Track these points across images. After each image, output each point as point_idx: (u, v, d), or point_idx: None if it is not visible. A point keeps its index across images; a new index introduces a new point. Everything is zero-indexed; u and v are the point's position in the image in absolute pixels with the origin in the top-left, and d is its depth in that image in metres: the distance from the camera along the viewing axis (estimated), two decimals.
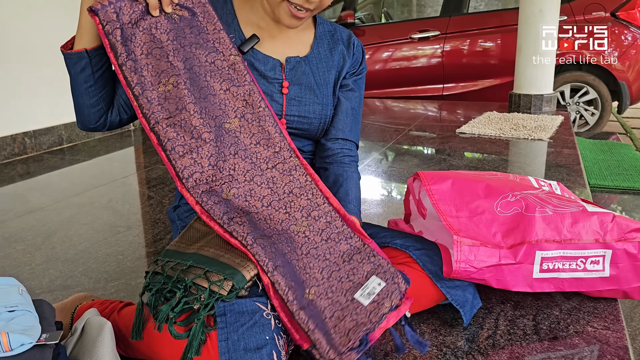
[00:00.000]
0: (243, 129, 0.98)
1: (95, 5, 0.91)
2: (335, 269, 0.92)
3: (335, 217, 0.98)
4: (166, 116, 0.92)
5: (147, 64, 0.93)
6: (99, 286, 1.32)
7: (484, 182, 1.20)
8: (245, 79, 1.01)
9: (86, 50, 0.95)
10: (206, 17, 1.01)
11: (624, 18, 4.43)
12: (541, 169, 2.42)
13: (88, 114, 1.01)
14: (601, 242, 1.10)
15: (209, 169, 0.93)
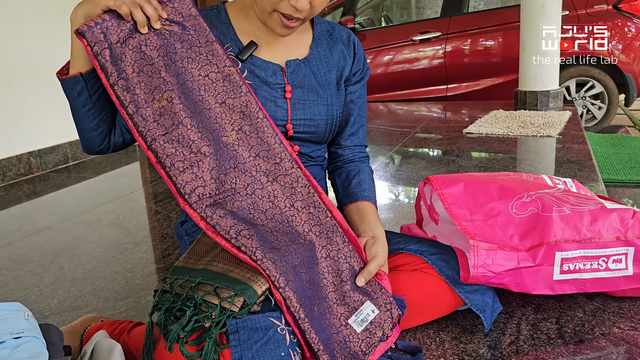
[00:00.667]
0: (241, 142, 0.96)
1: (81, 27, 0.89)
2: (332, 289, 0.91)
3: (337, 234, 0.96)
4: (163, 132, 0.90)
5: (139, 81, 0.91)
6: (109, 305, 1.29)
7: (497, 183, 1.17)
8: (241, 90, 0.98)
9: (81, 74, 0.93)
10: (197, 30, 0.99)
11: (627, 10, 4.39)
12: (552, 166, 2.38)
13: (90, 138, 1.00)
14: (623, 239, 1.07)
15: (211, 182, 0.90)
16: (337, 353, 0.86)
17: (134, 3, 0.91)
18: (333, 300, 0.90)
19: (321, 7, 1.00)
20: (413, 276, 1.05)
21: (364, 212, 1.10)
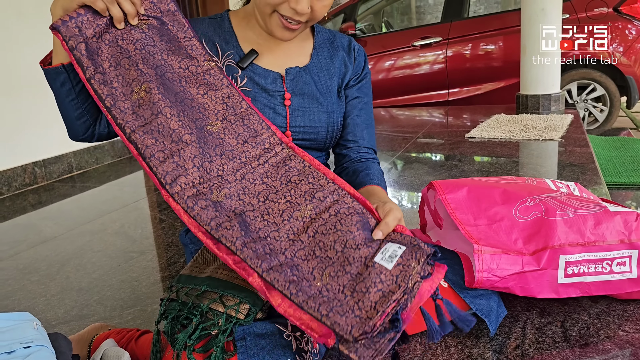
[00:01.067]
0: (227, 130, 0.94)
1: (56, 22, 0.89)
2: (350, 237, 0.82)
3: (343, 194, 0.89)
4: (142, 123, 0.89)
5: (116, 75, 0.91)
6: (115, 314, 1.30)
7: (500, 187, 1.18)
8: (222, 82, 0.97)
9: (63, 65, 0.93)
10: (176, 26, 0.99)
11: (627, 12, 4.41)
12: (555, 169, 2.39)
13: (75, 126, 1.01)
14: (627, 242, 1.07)
15: (194, 170, 0.87)
16: (360, 306, 0.74)
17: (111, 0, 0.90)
18: (353, 248, 0.81)
19: (322, 12, 1.01)
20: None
21: (372, 192, 1.06)
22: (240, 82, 1.06)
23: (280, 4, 0.96)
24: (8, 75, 2.65)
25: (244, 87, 1.06)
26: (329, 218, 0.85)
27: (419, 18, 15.32)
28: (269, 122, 0.98)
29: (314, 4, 0.98)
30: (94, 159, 3.13)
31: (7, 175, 2.61)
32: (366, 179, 1.10)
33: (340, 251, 0.81)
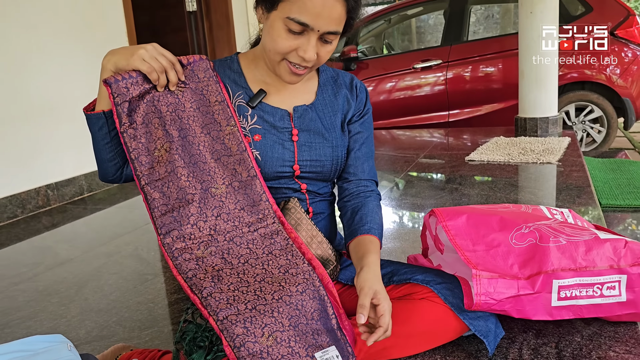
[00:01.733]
0: (229, 195, 1.06)
1: (109, 78, 1.00)
2: (303, 322, 0.94)
3: (314, 278, 1.01)
4: (155, 178, 1.02)
5: (145, 132, 1.03)
6: (134, 335, 1.37)
7: (497, 215, 1.25)
8: (239, 147, 1.08)
9: (103, 112, 1.04)
10: (209, 91, 1.10)
11: (623, 36, 4.52)
12: (552, 192, 2.47)
13: (106, 167, 1.10)
14: (616, 267, 1.14)
15: (187, 227, 1.00)
16: None
17: (162, 69, 1.02)
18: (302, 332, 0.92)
19: (327, 57, 1.09)
20: (420, 304, 1.13)
21: (362, 250, 1.11)
22: (251, 120, 1.14)
23: (289, 52, 1.05)
24: (25, 103, 2.75)
25: (254, 125, 1.14)
26: (295, 293, 0.97)
27: (419, 38, 15.55)
28: (269, 195, 1.09)
29: (319, 50, 1.06)
30: None
31: (22, 198, 2.70)
32: (358, 227, 1.17)
33: (293, 327, 0.92)
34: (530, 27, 3.79)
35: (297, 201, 1.16)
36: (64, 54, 2.99)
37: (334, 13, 1.02)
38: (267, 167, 1.13)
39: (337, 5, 1.02)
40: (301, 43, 1.04)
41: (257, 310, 0.91)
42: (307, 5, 1.00)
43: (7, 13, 2.67)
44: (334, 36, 1.06)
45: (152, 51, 1.02)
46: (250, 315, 0.90)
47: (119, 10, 3.34)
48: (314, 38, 1.04)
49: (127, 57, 1.01)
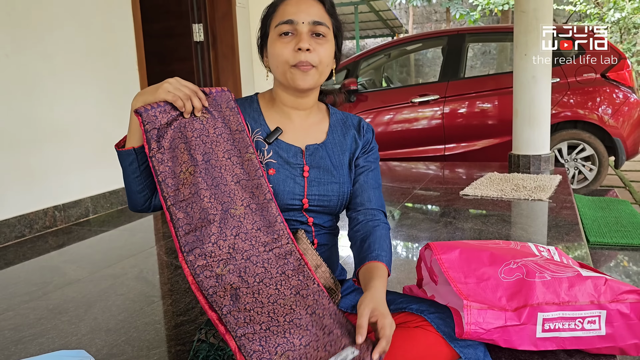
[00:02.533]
0: (247, 216, 1.14)
1: (139, 108, 1.11)
2: (314, 339, 1.01)
3: (323, 296, 1.10)
4: (180, 199, 1.10)
5: (172, 156, 1.12)
6: (142, 354, 1.45)
7: (488, 250, 1.35)
8: (256, 173, 1.18)
9: (134, 148, 1.15)
10: (231, 120, 1.20)
11: (614, 78, 4.69)
12: (543, 229, 2.57)
13: (136, 199, 1.20)
14: (596, 303, 1.23)
15: (209, 245, 1.08)
16: None
17: (187, 97, 1.13)
18: (314, 348, 1.00)
19: (326, 55, 1.22)
20: (414, 332, 1.21)
21: (368, 276, 1.18)
22: (267, 155, 1.25)
23: (290, 55, 1.19)
24: (37, 127, 2.85)
25: (270, 159, 1.25)
26: (305, 316, 1.05)
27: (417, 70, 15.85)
28: (282, 217, 1.18)
29: (315, 47, 1.19)
30: (109, 204, 3.30)
31: (30, 218, 2.78)
32: (366, 254, 1.24)
33: (304, 346, 0.99)
34: (525, 68, 3.95)
35: (304, 232, 1.25)
36: (76, 81, 3.11)
37: (311, 9, 1.20)
38: (279, 200, 1.22)
39: (313, 2, 1.21)
40: (296, 40, 1.18)
41: (270, 331, 0.99)
42: (286, 9, 1.20)
43: (27, 41, 2.80)
44: (324, 28, 1.20)
45: (175, 83, 1.14)
46: (265, 334, 0.98)
47: (131, 40, 3.48)
48: (305, 30, 1.19)
49: (153, 93, 1.12)
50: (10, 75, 2.72)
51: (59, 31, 2.99)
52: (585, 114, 4.67)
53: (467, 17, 14.08)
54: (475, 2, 13.27)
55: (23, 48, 2.78)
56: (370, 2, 11.80)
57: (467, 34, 5.47)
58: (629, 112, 4.66)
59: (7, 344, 1.55)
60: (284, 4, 1.21)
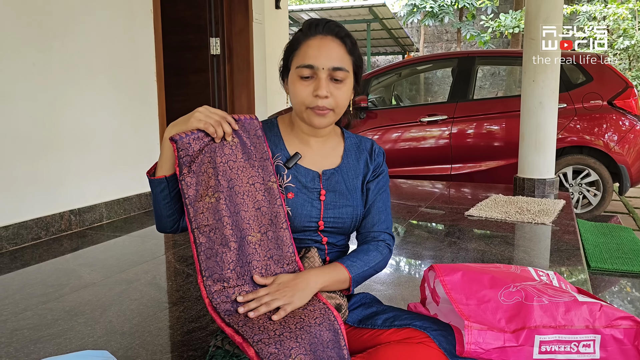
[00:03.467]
0: (262, 243, 1.23)
1: (174, 136, 1.19)
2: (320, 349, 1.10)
3: (329, 313, 1.19)
4: (205, 223, 1.19)
5: (200, 180, 1.20)
6: (156, 358, 1.52)
7: (489, 274, 1.42)
8: (276, 202, 1.26)
9: (165, 177, 1.24)
10: (257, 148, 1.28)
11: (621, 106, 4.75)
12: (545, 253, 2.63)
13: (165, 222, 1.29)
14: (591, 328, 1.29)
15: (228, 272, 1.17)
16: None
17: (217, 123, 1.21)
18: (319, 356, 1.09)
19: (343, 100, 1.28)
20: (418, 348, 1.28)
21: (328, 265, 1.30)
22: (286, 179, 1.33)
23: (308, 98, 1.25)
24: (56, 133, 2.95)
25: (289, 184, 1.33)
26: (314, 325, 1.13)
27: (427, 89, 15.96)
28: (294, 247, 1.27)
29: (333, 90, 1.25)
30: (122, 210, 3.39)
31: (46, 221, 2.87)
32: (343, 259, 1.33)
33: (312, 352, 1.08)
34: (532, 94, 4.03)
35: (316, 251, 1.33)
36: (96, 90, 3.22)
37: (332, 51, 1.24)
38: (296, 222, 1.31)
39: (333, 45, 1.25)
40: (314, 85, 1.24)
41: (284, 336, 1.07)
42: (307, 51, 1.24)
43: (53, 51, 2.91)
44: (342, 73, 1.25)
45: (205, 111, 1.22)
46: (279, 339, 1.06)
47: (151, 52, 3.59)
48: (324, 76, 1.24)
49: (185, 122, 1.21)
50: (35, 83, 2.82)
51: (83, 42, 3.10)
52: (591, 139, 4.73)
53: (478, 39, 14.21)
54: (486, 24, 13.40)
55: (49, 57, 2.89)
56: (382, 20, 11.94)
57: (477, 56, 5.56)
58: (634, 140, 4.72)
59: (27, 343, 1.63)
60: (306, 44, 1.26)
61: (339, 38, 1.26)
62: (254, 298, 1.16)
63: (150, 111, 3.65)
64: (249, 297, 1.17)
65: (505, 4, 15.07)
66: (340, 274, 1.29)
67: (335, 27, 1.28)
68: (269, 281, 1.21)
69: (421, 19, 14.97)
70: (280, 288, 1.19)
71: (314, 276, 1.25)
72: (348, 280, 1.31)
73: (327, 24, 1.27)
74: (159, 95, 3.64)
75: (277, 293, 1.18)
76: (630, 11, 10.38)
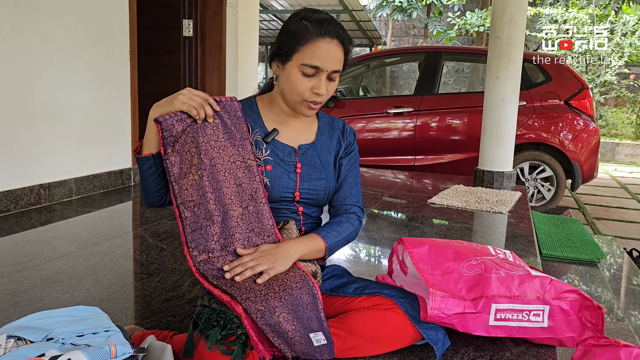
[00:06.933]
0: (244, 217, 1.33)
1: (159, 117, 1.28)
2: (300, 310, 1.20)
3: (308, 279, 1.29)
4: (189, 199, 1.28)
5: (184, 159, 1.29)
6: (137, 322, 1.58)
7: (453, 248, 1.54)
8: (255, 178, 1.36)
9: (152, 154, 1.32)
10: (237, 128, 1.37)
11: (576, 106, 4.99)
12: (501, 239, 2.79)
13: (153, 197, 1.37)
14: (541, 299, 1.42)
15: (212, 244, 1.27)
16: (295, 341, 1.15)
17: (200, 105, 1.31)
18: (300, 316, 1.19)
19: (332, 92, 1.41)
20: (385, 313, 1.38)
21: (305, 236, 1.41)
22: (265, 153, 1.43)
23: (306, 92, 1.36)
24: (29, 107, 2.94)
25: (267, 157, 1.43)
26: (295, 288, 1.24)
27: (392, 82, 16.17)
28: (273, 220, 1.38)
29: (327, 87, 1.37)
30: (92, 187, 3.39)
31: (16, 194, 2.86)
32: (318, 229, 1.46)
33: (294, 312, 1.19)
34: (495, 90, 4.21)
35: (294, 223, 1.44)
36: (70, 65, 3.20)
37: (336, 56, 1.35)
38: (274, 192, 1.41)
39: (338, 49, 1.35)
40: (315, 83, 1.35)
41: (268, 296, 1.17)
42: (316, 52, 1.32)
43: (25, 23, 2.88)
44: (336, 74, 1.38)
45: (188, 94, 1.31)
46: (264, 298, 1.16)
47: (125, 30, 3.58)
48: (324, 77, 1.35)
49: (169, 104, 1.30)
50: (9, 54, 2.80)
51: (57, 15, 3.08)
52: (547, 137, 4.96)
53: (444, 35, 14.49)
54: (452, 21, 13.67)
55: (23, 29, 2.87)
56: (352, 12, 12.04)
57: (444, 52, 5.72)
58: (587, 139, 4.98)
59: (5, 307, 1.67)
60: (315, 44, 1.33)
61: (342, 42, 1.37)
62: (239, 264, 1.26)
63: (122, 89, 3.64)
64: (234, 264, 1.26)
65: (472, 2, 15.40)
66: (317, 243, 1.41)
67: (341, 31, 1.38)
68: (252, 251, 1.31)
69: (390, 13, 15.14)
70: (264, 255, 1.30)
71: (294, 245, 1.36)
72: (324, 249, 1.42)
73: (336, 26, 1.37)
74: (131, 74, 3.64)
75: (261, 259, 1.28)
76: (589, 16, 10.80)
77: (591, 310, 1.42)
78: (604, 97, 11.96)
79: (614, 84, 11.69)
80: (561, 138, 4.96)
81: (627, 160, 10.79)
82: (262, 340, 1.13)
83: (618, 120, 12.39)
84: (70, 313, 1.15)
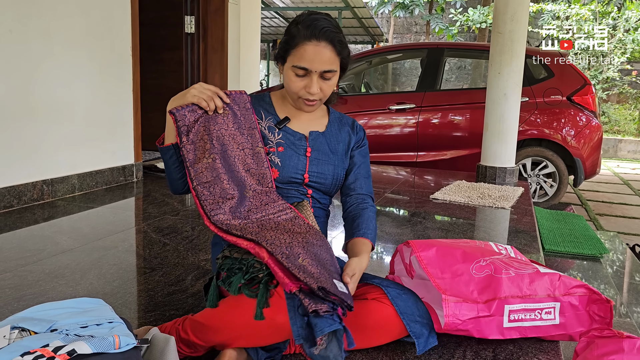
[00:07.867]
0: (256, 197, 1.39)
1: (173, 109, 1.35)
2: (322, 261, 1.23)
3: (326, 241, 1.35)
4: (204, 180, 1.35)
5: (198, 146, 1.37)
6: (140, 315, 1.58)
7: (460, 249, 1.51)
8: (263, 164, 1.44)
9: (172, 144, 1.39)
10: (246, 118, 1.46)
11: (579, 102, 4.97)
12: (504, 234, 2.79)
13: (177, 184, 1.43)
14: (552, 296, 1.39)
15: (229, 214, 1.33)
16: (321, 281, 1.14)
17: (210, 98, 1.38)
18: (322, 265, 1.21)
19: (330, 90, 1.45)
20: (369, 304, 1.35)
21: (356, 248, 1.45)
22: (277, 136, 1.50)
23: (300, 91, 1.43)
24: (32, 102, 2.93)
25: (280, 140, 1.50)
26: (316, 244, 1.28)
27: (394, 79, 16.16)
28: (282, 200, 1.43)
29: (322, 85, 1.43)
30: (94, 183, 3.39)
31: (19, 190, 2.86)
32: (354, 231, 1.51)
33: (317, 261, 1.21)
34: (497, 86, 4.20)
35: (308, 202, 1.49)
36: (73, 61, 3.20)
37: (324, 57, 1.38)
38: (285, 172, 1.47)
39: (326, 51, 1.39)
40: (307, 82, 1.42)
41: (292, 244, 1.22)
42: (303, 55, 1.38)
43: (31, 19, 2.88)
44: (331, 73, 1.42)
45: (199, 87, 1.39)
46: (289, 244, 1.21)
47: (127, 27, 3.58)
48: (315, 77, 1.41)
49: (182, 97, 1.38)
50: (12, 50, 2.79)
51: (61, 11, 3.07)
52: (550, 133, 4.95)
53: (446, 32, 14.45)
54: (455, 17, 13.64)
55: (26, 25, 2.86)
56: (354, 9, 12.01)
57: (446, 48, 5.71)
58: (590, 135, 4.96)
59: (10, 300, 1.67)
60: (303, 47, 1.38)
61: (332, 43, 1.40)
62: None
63: (125, 86, 3.64)
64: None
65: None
66: (368, 246, 1.47)
67: (330, 33, 1.40)
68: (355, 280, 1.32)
69: (392, 9, 15.11)
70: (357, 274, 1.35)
71: (364, 259, 1.41)
72: (371, 246, 1.49)
73: (323, 29, 1.39)
74: (133, 71, 3.64)
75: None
76: (592, 12, 10.76)
77: (599, 303, 1.41)
78: (607, 94, 11.92)
79: (617, 81, 11.66)
80: (564, 134, 4.94)
81: (630, 157, 10.77)
82: (287, 275, 1.15)
83: (621, 117, 12.36)
84: (73, 305, 1.15)
